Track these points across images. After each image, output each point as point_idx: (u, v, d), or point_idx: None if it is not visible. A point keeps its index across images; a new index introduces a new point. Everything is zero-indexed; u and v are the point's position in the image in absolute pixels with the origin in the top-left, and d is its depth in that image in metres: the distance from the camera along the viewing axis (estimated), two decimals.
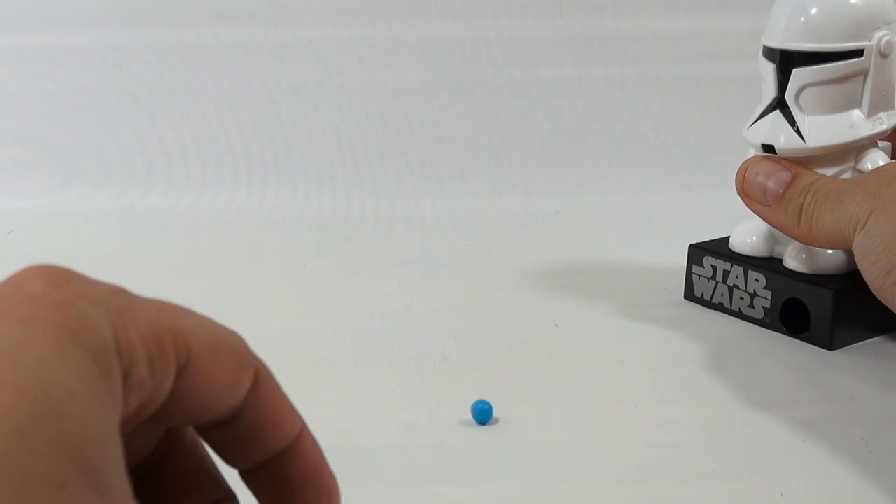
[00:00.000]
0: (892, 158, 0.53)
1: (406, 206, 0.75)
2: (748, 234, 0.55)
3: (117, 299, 0.24)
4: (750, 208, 0.52)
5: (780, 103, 0.51)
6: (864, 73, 0.50)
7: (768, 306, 0.53)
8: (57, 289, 0.23)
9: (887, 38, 0.50)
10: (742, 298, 0.54)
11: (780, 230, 0.51)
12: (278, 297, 0.58)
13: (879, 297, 0.45)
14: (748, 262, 0.54)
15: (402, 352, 0.50)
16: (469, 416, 0.43)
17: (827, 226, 0.48)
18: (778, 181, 0.50)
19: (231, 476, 0.29)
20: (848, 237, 0.47)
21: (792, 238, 0.51)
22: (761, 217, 0.52)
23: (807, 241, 0.50)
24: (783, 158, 0.51)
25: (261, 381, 0.27)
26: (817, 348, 0.50)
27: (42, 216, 0.73)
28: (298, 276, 0.62)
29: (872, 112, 0.51)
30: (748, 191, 0.51)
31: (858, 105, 0.51)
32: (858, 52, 0.50)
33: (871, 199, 0.45)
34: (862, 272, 0.45)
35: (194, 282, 0.60)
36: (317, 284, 0.60)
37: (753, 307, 0.54)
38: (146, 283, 0.59)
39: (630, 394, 0.46)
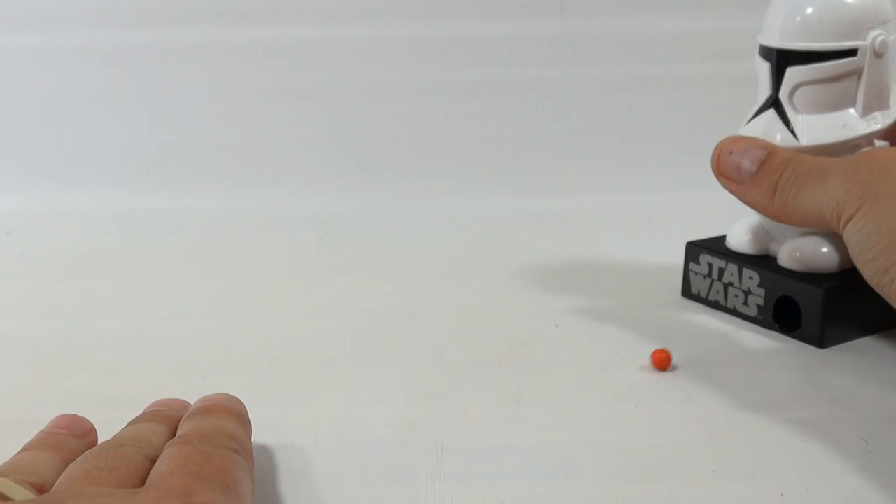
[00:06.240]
0: None
1: (406, 206, 0.75)
2: (744, 231, 0.55)
3: None
4: (725, 187, 0.51)
5: (774, 102, 0.51)
6: (859, 73, 0.50)
7: (762, 304, 0.53)
8: None
9: (882, 37, 0.50)
10: (737, 296, 0.54)
11: (753, 208, 0.51)
12: (278, 297, 0.58)
13: (878, 291, 0.44)
14: (743, 259, 0.54)
15: (402, 352, 0.50)
16: (469, 417, 0.44)
17: (804, 203, 0.47)
18: (753, 159, 0.50)
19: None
20: (829, 220, 0.46)
21: (765, 216, 0.50)
22: (735, 195, 0.51)
23: (780, 217, 0.49)
24: (760, 138, 0.51)
25: None
26: (814, 348, 0.50)
27: (42, 216, 0.73)
28: (298, 276, 0.62)
29: (867, 111, 0.51)
30: (723, 169, 0.51)
31: (853, 104, 0.51)
32: (852, 52, 0.50)
33: (862, 188, 0.45)
34: (858, 266, 0.45)
35: (194, 282, 0.60)
36: (317, 284, 0.60)
37: (748, 305, 0.54)
38: (146, 283, 0.60)
39: (630, 394, 0.46)
